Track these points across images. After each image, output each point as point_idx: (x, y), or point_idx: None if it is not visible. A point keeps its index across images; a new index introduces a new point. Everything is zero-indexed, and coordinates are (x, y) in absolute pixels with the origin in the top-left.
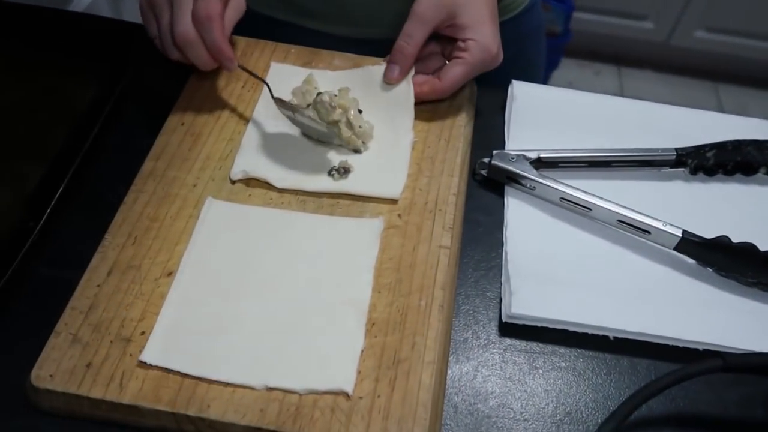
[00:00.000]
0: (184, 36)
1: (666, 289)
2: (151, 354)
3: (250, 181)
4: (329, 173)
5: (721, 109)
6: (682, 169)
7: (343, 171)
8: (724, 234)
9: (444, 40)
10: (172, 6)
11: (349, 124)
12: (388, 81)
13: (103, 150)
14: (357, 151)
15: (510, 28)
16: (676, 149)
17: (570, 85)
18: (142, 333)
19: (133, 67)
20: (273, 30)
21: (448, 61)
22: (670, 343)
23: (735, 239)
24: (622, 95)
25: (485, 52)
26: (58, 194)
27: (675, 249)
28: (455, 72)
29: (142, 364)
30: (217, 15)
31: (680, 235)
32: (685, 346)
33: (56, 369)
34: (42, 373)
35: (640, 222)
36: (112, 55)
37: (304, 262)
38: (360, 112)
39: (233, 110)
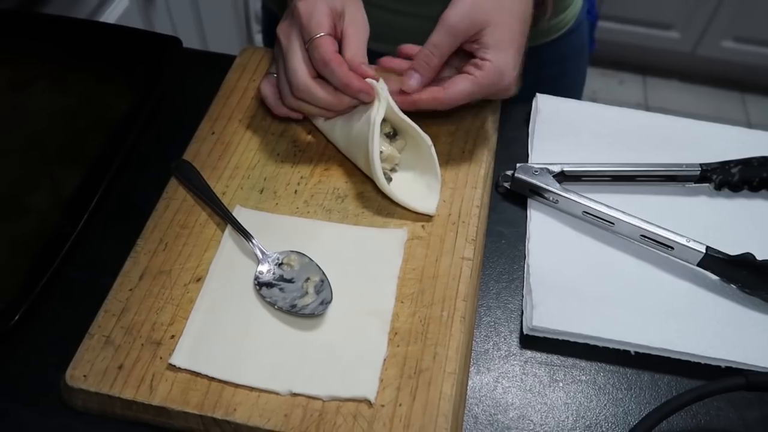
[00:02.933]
0: (300, 86)
1: (689, 305)
2: (180, 358)
3: (278, 189)
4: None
5: (747, 120)
6: (707, 184)
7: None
8: (749, 251)
9: (459, 52)
10: (283, 60)
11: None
12: (407, 90)
13: (136, 158)
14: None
15: (554, 49)
16: (701, 164)
17: (594, 95)
18: (172, 337)
19: (167, 78)
20: None
21: (459, 73)
22: (692, 359)
23: (759, 256)
24: (647, 105)
25: (498, 76)
26: (94, 201)
27: (698, 265)
28: (461, 87)
29: (172, 367)
30: (334, 55)
31: (704, 251)
32: (707, 363)
33: (90, 370)
34: (76, 373)
35: (664, 237)
36: (147, 67)
37: (329, 271)
38: (393, 135)
39: (262, 119)
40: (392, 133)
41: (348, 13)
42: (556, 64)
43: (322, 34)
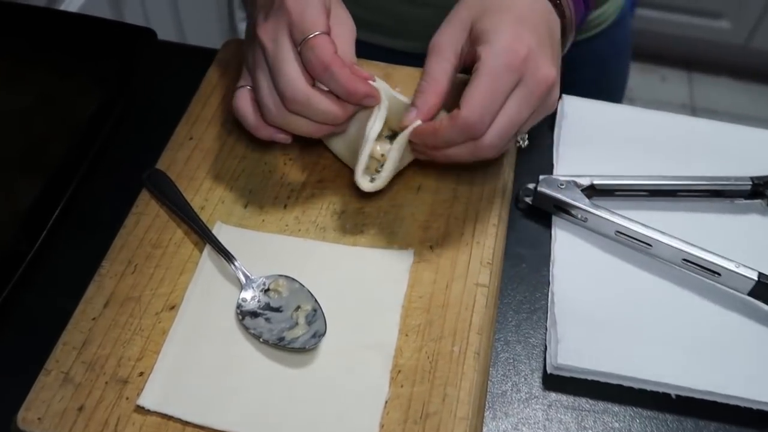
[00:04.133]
0: (297, 97)
1: (738, 340)
2: (149, 398)
3: (264, 204)
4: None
5: None
6: (759, 200)
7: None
8: None
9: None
10: (269, 67)
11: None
12: (405, 123)
13: (103, 166)
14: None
15: (593, 48)
16: (752, 178)
17: (631, 93)
18: (141, 374)
19: (138, 76)
20: None
21: None
22: (742, 404)
23: None
24: (693, 106)
25: (507, 54)
26: (55, 215)
27: (749, 294)
28: (471, 91)
29: (140, 410)
30: (334, 57)
31: (756, 278)
32: (760, 408)
33: (45, 411)
34: (29, 415)
35: (709, 262)
36: (116, 62)
37: (322, 298)
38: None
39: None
40: (392, 135)
41: (332, 9)
42: (594, 64)
43: (318, 32)
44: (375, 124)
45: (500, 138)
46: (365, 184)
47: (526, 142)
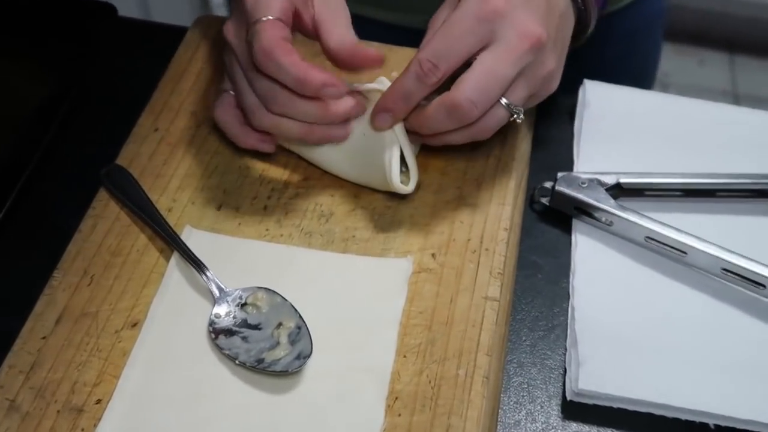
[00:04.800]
0: (277, 98)
1: None
2: (108, 429)
3: (241, 205)
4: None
5: None
6: None
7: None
8: None
9: None
10: (242, 68)
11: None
12: (377, 128)
13: (55, 162)
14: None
15: (620, 21)
16: None
17: (666, 79)
18: (98, 401)
19: (96, 58)
20: None
21: None
22: None
23: None
24: (735, 93)
25: (477, 3)
26: None
27: None
28: (469, 73)
29: None
30: (279, 41)
31: None
32: None
33: None
34: None
35: (753, 272)
36: (70, 42)
37: (308, 314)
38: None
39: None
40: None
41: None
42: (621, 42)
43: (268, 17)
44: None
45: (476, 91)
46: (404, 187)
47: (522, 117)
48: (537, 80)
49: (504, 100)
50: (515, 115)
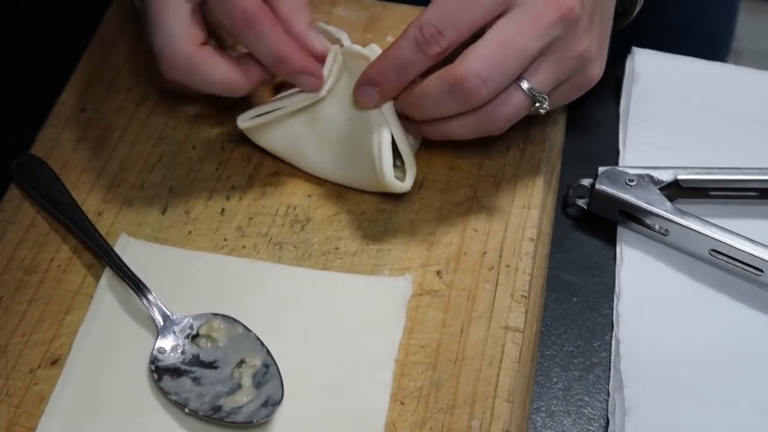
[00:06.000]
0: (180, 64)
1: None
2: None
3: (192, 207)
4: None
5: None
6: None
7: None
8: None
9: None
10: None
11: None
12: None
13: None
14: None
15: None
16: None
17: (737, 43)
18: None
19: (8, 17)
20: None
21: None
22: None
23: None
24: None
25: (547, 2)
26: None
27: None
28: (480, 42)
29: None
30: (259, 9)
31: None
32: None
33: None
34: None
35: None
36: None
37: (278, 349)
38: None
39: (166, 88)
40: None
41: None
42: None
43: None
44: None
45: (487, 65)
46: (399, 183)
47: (546, 106)
48: (568, 62)
49: (525, 83)
50: (538, 104)
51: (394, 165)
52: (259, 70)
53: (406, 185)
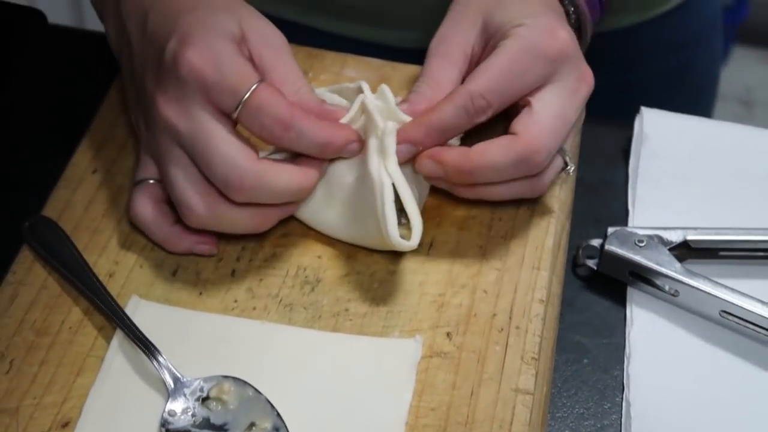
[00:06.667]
0: (247, 181)
1: None
2: None
3: (202, 269)
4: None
5: None
6: None
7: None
8: None
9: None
10: (188, 153)
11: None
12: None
13: None
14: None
15: (665, 30)
16: None
17: (748, 95)
18: None
19: (20, 73)
20: None
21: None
22: None
23: None
24: None
25: (543, 39)
26: None
27: None
28: (539, 116)
29: None
30: (292, 109)
31: None
32: None
33: None
34: None
35: None
36: None
37: (288, 412)
38: None
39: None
40: None
41: (250, 29)
42: (669, 52)
43: (256, 83)
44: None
45: (552, 137)
46: (404, 243)
47: (573, 167)
48: (580, 127)
49: (566, 148)
50: (569, 166)
51: (401, 223)
52: (312, 162)
53: (412, 243)
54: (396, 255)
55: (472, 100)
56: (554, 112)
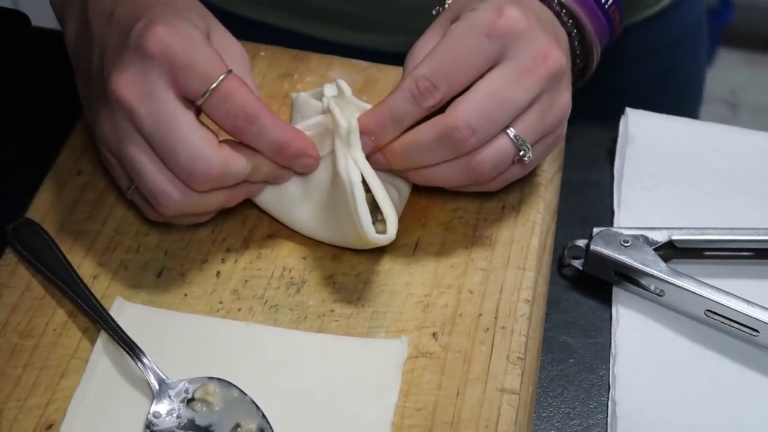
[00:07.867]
0: (213, 171)
1: None
2: None
3: (187, 270)
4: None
5: None
6: None
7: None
8: None
9: None
10: (147, 140)
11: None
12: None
13: None
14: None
15: (650, 34)
16: None
17: (734, 98)
18: None
19: (5, 77)
20: (251, 34)
21: None
22: None
23: None
24: None
25: (484, 19)
26: None
27: None
28: (471, 93)
29: None
30: (260, 104)
31: None
32: None
33: None
34: None
35: None
36: None
37: (273, 413)
38: None
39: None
40: None
41: (216, 39)
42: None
43: (225, 73)
44: (355, 154)
45: (478, 115)
46: (380, 237)
47: (530, 155)
48: (552, 114)
49: (511, 131)
50: (522, 152)
51: (378, 219)
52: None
53: (388, 236)
54: (381, 256)
55: (417, 82)
56: (490, 90)
